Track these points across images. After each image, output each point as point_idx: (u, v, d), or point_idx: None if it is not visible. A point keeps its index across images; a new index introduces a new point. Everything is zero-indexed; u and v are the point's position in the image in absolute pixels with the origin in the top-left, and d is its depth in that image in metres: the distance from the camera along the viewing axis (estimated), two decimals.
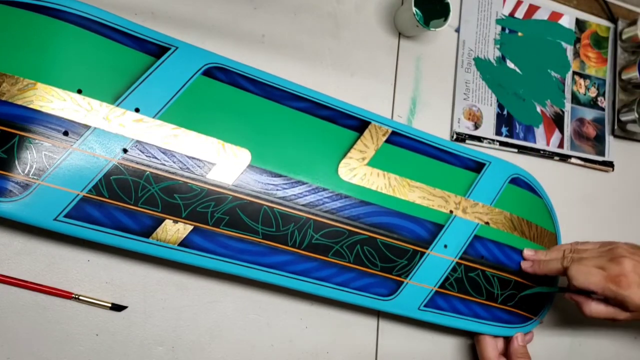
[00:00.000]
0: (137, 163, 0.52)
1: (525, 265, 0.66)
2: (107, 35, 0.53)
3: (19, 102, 0.48)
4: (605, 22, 0.86)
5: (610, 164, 0.82)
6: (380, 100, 0.70)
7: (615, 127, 0.82)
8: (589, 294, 0.60)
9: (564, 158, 0.79)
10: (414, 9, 0.67)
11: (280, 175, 0.57)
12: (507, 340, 0.66)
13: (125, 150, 0.51)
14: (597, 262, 0.59)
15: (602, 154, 0.82)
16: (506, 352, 0.65)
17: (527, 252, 0.66)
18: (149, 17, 0.61)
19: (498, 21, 0.79)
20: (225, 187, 0.54)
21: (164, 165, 0.53)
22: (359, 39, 0.71)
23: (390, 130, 0.63)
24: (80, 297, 0.54)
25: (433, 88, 0.74)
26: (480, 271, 0.64)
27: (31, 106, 0.49)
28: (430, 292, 0.62)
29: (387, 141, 0.63)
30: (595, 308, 0.60)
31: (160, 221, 0.52)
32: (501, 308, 0.65)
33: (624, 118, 0.82)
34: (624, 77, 0.84)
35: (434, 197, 0.63)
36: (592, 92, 0.83)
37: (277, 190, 0.56)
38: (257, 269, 0.55)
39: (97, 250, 0.55)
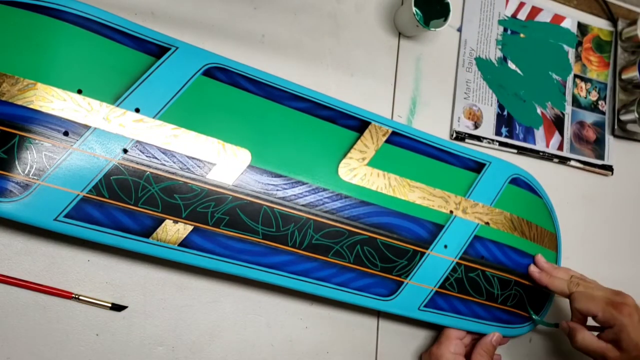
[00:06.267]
0: (137, 163, 0.52)
1: (533, 270, 0.66)
2: (107, 35, 0.53)
3: (19, 102, 0.48)
4: (607, 26, 0.86)
5: (609, 168, 0.81)
6: (380, 100, 0.70)
7: (615, 127, 0.82)
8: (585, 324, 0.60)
9: (564, 160, 0.79)
10: (414, 9, 0.67)
11: (280, 176, 0.57)
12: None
13: (125, 151, 0.51)
14: (602, 293, 0.59)
15: (601, 157, 0.81)
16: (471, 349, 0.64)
17: (540, 259, 0.66)
18: (149, 17, 0.61)
19: (500, 22, 0.79)
20: (225, 187, 0.54)
21: (164, 165, 0.53)
22: (359, 39, 0.71)
23: (390, 130, 0.63)
24: (80, 297, 0.54)
25: (433, 88, 0.73)
26: (480, 271, 0.64)
27: (31, 106, 0.49)
28: (431, 292, 0.62)
29: (387, 141, 0.63)
30: (588, 337, 0.58)
31: (160, 221, 0.52)
32: (501, 308, 0.65)
33: (624, 118, 0.82)
34: (624, 77, 0.84)
35: (434, 198, 0.63)
36: (593, 96, 0.83)
37: (277, 190, 0.56)
38: (257, 269, 0.55)
39: (97, 250, 0.55)
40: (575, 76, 0.82)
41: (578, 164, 0.80)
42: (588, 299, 0.58)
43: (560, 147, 0.79)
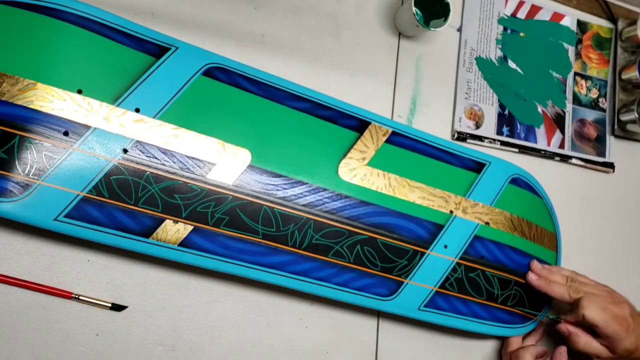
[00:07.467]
0: (137, 163, 0.52)
1: (531, 277, 0.66)
2: (107, 35, 0.53)
3: (19, 102, 0.48)
4: (606, 24, 0.86)
5: (610, 165, 0.81)
6: (380, 100, 0.70)
7: (615, 127, 0.82)
8: (583, 328, 0.64)
9: (565, 159, 0.79)
10: (414, 9, 0.67)
11: (280, 176, 0.57)
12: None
13: (125, 151, 0.51)
14: (603, 301, 0.63)
15: (602, 155, 0.81)
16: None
17: (535, 265, 0.67)
18: (149, 17, 0.61)
19: (500, 21, 0.79)
20: (226, 187, 0.54)
21: (164, 165, 0.53)
22: (359, 39, 0.71)
23: (390, 130, 0.63)
24: (80, 297, 0.54)
25: (433, 88, 0.73)
26: (480, 271, 0.64)
27: (31, 106, 0.49)
28: (431, 292, 0.62)
29: (387, 141, 0.63)
30: (588, 342, 0.63)
31: (160, 221, 0.52)
32: (501, 308, 0.65)
33: (623, 118, 0.82)
34: (623, 77, 0.84)
35: (434, 197, 0.63)
36: (594, 93, 0.83)
37: (277, 190, 0.56)
38: (257, 269, 0.55)
39: (97, 250, 0.55)
40: (576, 74, 0.82)
41: (579, 162, 0.80)
42: (596, 309, 0.62)
43: (562, 145, 0.79)
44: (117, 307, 0.55)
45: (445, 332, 0.67)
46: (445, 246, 0.63)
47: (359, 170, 0.60)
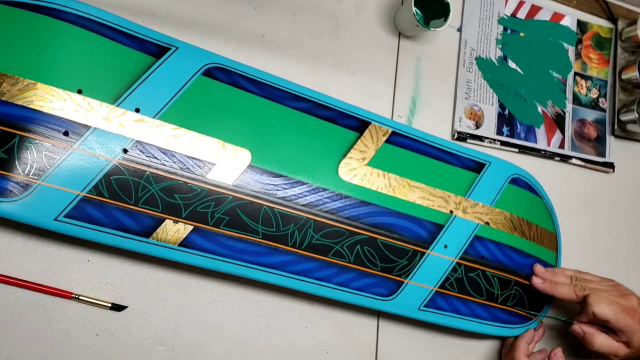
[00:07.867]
0: (137, 163, 0.52)
1: (536, 281, 0.66)
2: (107, 35, 0.53)
3: (19, 102, 0.48)
4: (606, 24, 0.86)
5: (610, 165, 0.81)
6: (380, 100, 0.70)
7: (615, 127, 0.82)
8: (597, 327, 0.63)
9: (565, 159, 0.79)
10: (414, 9, 0.67)
11: (280, 176, 0.57)
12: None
13: (125, 151, 0.51)
14: (610, 295, 0.62)
15: (602, 155, 0.81)
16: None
17: (539, 269, 0.67)
18: (149, 17, 0.61)
19: (500, 21, 0.79)
20: (226, 187, 0.54)
21: (164, 165, 0.53)
22: (359, 39, 0.71)
23: (390, 130, 0.63)
24: (80, 297, 0.54)
25: (433, 88, 0.73)
26: (480, 271, 0.64)
27: (31, 106, 0.49)
28: (431, 292, 0.62)
29: (387, 141, 0.63)
30: (604, 341, 0.62)
31: (160, 221, 0.52)
32: (501, 308, 0.65)
33: (624, 118, 0.82)
34: (623, 77, 0.84)
35: (434, 197, 0.63)
36: (594, 93, 0.83)
37: (277, 190, 0.56)
38: (257, 269, 0.55)
39: (97, 250, 0.55)
40: (576, 74, 0.82)
41: (579, 162, 0.80)
42: (605, 304, 0.61)
43: (562, 146, 0.79)
44: (117, 307, 0.55)
45: (445, 332, 0.67)
46: (445, 246, 0.63)
47: (359, 170, 0.60)
